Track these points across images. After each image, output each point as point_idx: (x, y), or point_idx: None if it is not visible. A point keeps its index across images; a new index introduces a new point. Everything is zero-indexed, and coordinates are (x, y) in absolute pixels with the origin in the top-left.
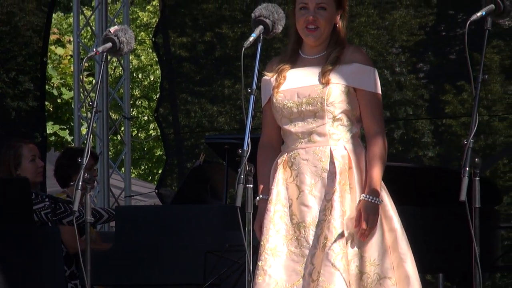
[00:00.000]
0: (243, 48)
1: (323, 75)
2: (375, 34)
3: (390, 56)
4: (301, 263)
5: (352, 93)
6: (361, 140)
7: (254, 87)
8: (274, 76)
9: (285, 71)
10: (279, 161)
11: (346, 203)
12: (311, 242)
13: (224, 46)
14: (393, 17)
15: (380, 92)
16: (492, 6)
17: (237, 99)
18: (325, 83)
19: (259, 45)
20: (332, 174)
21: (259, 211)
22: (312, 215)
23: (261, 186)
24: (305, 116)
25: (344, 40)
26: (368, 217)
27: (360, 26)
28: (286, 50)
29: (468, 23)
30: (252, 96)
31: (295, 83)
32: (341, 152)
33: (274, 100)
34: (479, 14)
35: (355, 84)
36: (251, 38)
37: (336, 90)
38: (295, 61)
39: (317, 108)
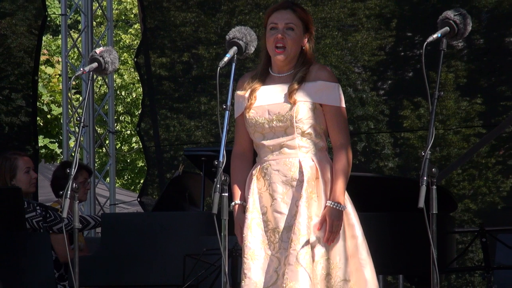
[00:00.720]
0: (218, 67)
1: (289, 94)
2: (339, 54)
3: (353, 75)
4: (277, 265)
5: (318, 109)
6: (328, 153)
7: (228, 103)
8: (247, 94)
9: (256, 91)
10: (253, 172)
11: (313, 210)
12: (284, 245)
13: (200, 66)
14: (355, 39)
15: (344, 106)
16: (447, 28)
17: (212, 115)
18: (292, 102)
19: (233, 64)
20: (300, 182)
21: (236, 216)
22: (284, 221)
23: (236, 192)
24: (276, 132)
25: (310, 61)
26: (332, 222)
27: (325, 47)
28: (258, 68)
29: (425, 44)
30: (227, 112)
31: (266, 100)
32: (309, 163)
33: (247, 117)
34: (435, 36)
35: (321, 100)
36: (225, 58)
37: (303, 108)
38: (265, 78)
39: (287, 125)
